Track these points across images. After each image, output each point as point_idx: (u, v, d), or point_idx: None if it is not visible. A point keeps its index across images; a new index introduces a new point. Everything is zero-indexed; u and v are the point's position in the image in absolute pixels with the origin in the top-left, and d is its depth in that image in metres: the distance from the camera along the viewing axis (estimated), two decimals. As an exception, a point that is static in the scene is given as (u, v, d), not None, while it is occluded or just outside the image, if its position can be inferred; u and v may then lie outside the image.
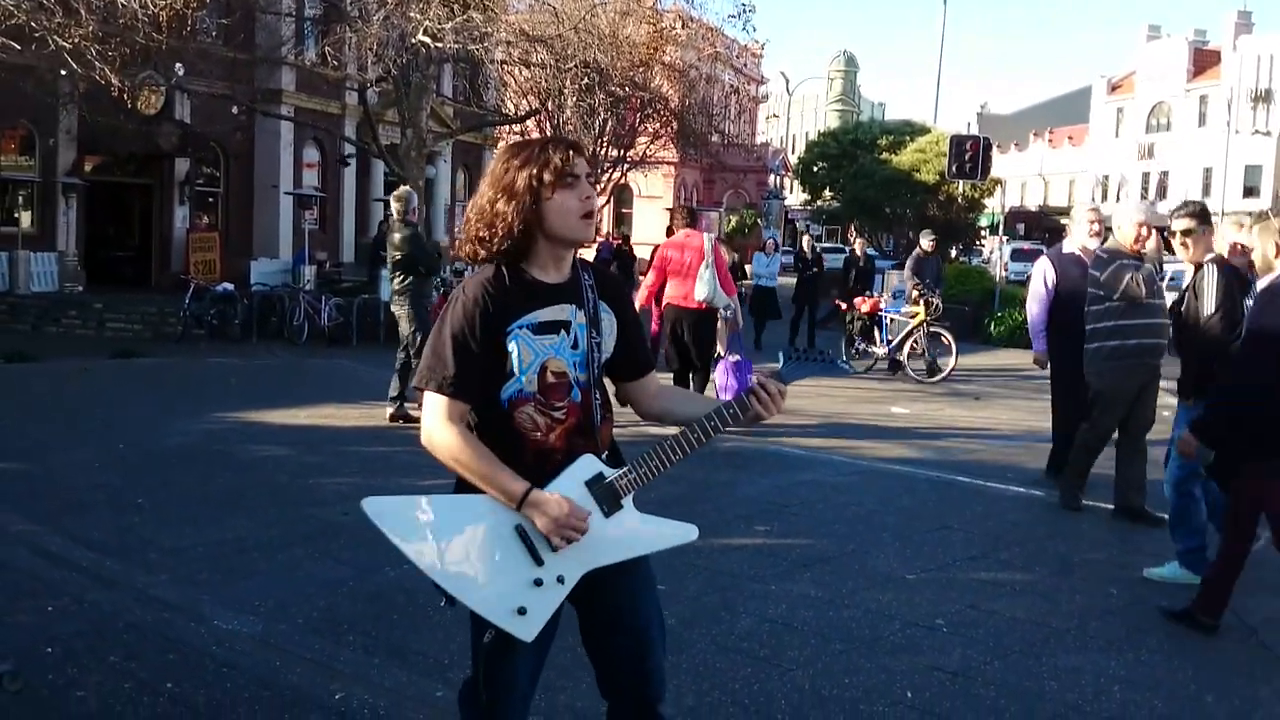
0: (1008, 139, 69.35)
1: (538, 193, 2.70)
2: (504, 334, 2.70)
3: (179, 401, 11.67)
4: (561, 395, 2.76)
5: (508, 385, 2.73)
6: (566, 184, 2.72)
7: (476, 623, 2.75)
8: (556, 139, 2.84)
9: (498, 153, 2.89)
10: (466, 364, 2.68)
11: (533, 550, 2.69)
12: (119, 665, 4.43)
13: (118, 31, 16.94)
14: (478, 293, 2.71)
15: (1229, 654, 5.05)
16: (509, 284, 2.74)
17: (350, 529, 6.36)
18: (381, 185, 29.37)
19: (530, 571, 2.69)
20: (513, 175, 2.73)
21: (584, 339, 2.79)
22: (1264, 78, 57.55)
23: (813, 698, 4.35)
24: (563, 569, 2.71)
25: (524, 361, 2.72)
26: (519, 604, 2.67)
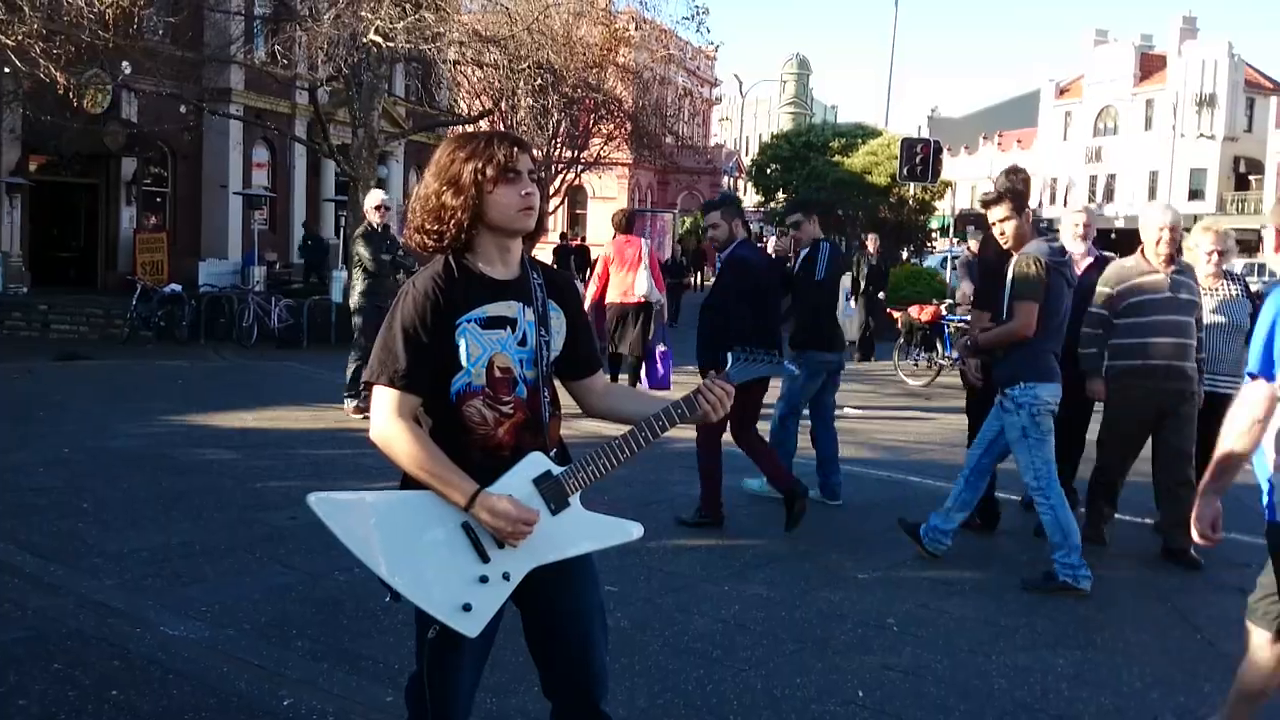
0: (958, 142, 69.97)
1: (480, 186, 2.73)
2: (453, 327, 2.71)
3: (125, 404, 11.50)
4: (508, 390, 2.77)
5: (457, 379, 2.74)
6: (508, 179, 2.74)
7: (421, 619, 2.75)
8: (502, 134, 2.86)
9: (444, 144, 2.90)
10: (417, 357, 2.69)
11: (479, 547, 2.69)
12: (62, 672, 4.35)
13: (63, 29, 16.69)
14: (427, 286, 2.73)
15: (1175, 651, 5.11)
16: (457, 278, 2.76)
17: (299, 534, 6.30)
18: (332, 185, 29.16)
19: (476, 568, 2.69)
20: (458, 167, 2.75)
21: (532, 336, 2.80)
22: (1208, 82, 58.54)
23: (765, 698, 4.36)
24: (509, 566, 2.71)
25: (472, 355, 2.73)
26: (464, 600, 2.67)
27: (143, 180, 25.42)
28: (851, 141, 43.81)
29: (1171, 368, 6.38)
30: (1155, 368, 6.39)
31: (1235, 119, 58.86)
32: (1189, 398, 6.44)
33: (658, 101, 34.06)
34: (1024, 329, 5.79)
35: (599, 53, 25.81)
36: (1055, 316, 5.90)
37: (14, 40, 15.74)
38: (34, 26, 15.95)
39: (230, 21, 23.46)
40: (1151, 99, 61.92)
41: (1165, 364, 6.38)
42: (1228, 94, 58.39)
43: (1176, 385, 6.40)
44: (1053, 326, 5.90)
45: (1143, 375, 6.42)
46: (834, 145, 44.09)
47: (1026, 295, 5.80)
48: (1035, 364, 5.86)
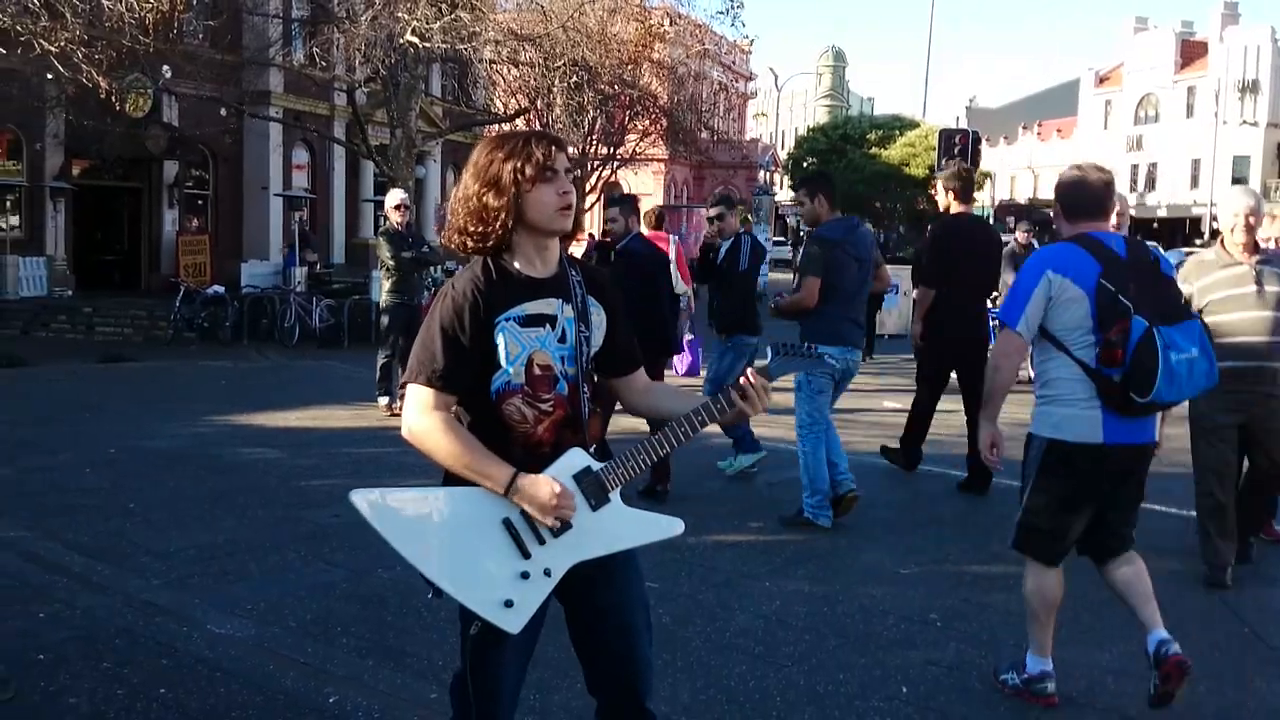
0: (996, 132, 69.45)
1: (520, 185, 2.73)
2: (491, 326, 2.72)
3: (169, 405, 11.64)
4: (548, 388, 2.77)
5: (496, 377, 2.75)
6: (546, 178, 2.75)
7: (465, 615, 2.76)
8: (539, 133, 2.87)
9: (481, 144, 2.90)
10: (456, 358, 2.70)
11: (520, 543, 2.70)
12: (111, 671, 4.41)
13: (104, 34, 16.90)
14: (466, 287, 2.74)
15: (1222, 644, 5.05)
16: (496, 278, 2.77)
17: (342, 531, 6.35)
18: (371, 186, 29.35)
19: (517, 564, 2.70)
20: (497, 168, 2.76)
21: (572, 333, 2.80)
22: (1250, 68, 57.74)
23: (808, 694, 4.35)
24: (550, 562, 2.72)
25: (511, 354, 2.73)
26: (506, 597, 2.68)
27: (184, 183, 25.72)
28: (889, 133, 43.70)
29: (1263, 370, 5.69)
30: (1242, 371, 5.63)
31: (1278, 105, 58.00)
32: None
33: (693, 97, 34.04)
34: (808, 299, 6.85)
35: (634, 49, 25.81)
36: (838, 288, 6.84)
37: (57, 46, 15.96)
38: (76, 33, 16.16)
39: (269, 24, 23.69)
40: (1193, 86, 61.16)
41: (1256, 366, 5.67)
42: (1271, 80, 57.56)
43: (1269, 390, 5.73)
44: (840, 297, 6.85)
45: (1228, 379, 5.29)
46: (871, 137, 43.98)
47: (809, 270, 6.91)
48: (823, 328, 6.79)
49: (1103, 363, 4.03)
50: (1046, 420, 4.22)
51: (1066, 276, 4.11)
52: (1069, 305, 4.10)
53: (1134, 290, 4.03)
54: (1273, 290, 5.69)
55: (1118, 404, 4.04)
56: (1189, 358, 3.96)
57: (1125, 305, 4.00)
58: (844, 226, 7.11)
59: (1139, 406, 4.01)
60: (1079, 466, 4.15)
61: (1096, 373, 4.06)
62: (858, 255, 6.98)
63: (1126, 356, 3.97)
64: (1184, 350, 3.95)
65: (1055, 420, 4.18)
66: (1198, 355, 3.99)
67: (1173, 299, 4.21)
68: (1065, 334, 4.13)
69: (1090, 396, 4.08)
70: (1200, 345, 4.02)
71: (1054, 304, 4.14)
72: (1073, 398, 4.12)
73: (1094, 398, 4.07)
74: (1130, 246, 4.27)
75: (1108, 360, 4.01)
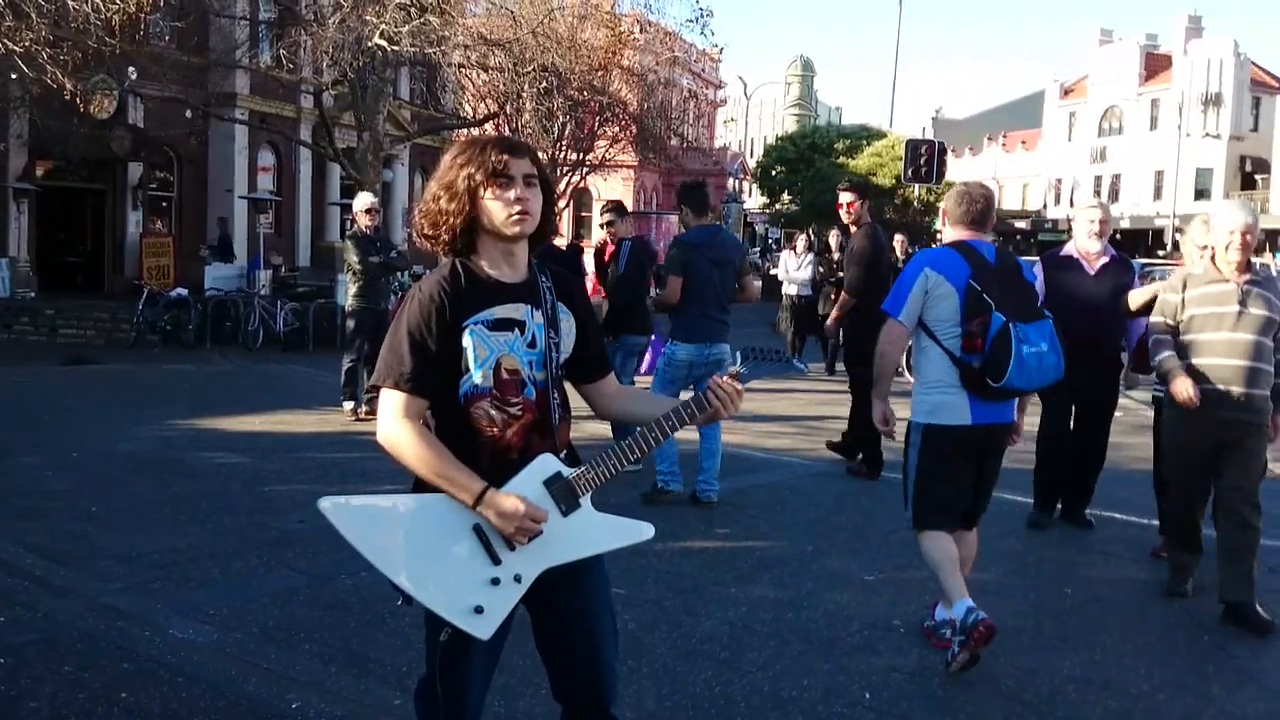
0: (962, 143, 69.94)
1: (474, 191, 2.75)
2: (459, 329, 2.73)
3: (132, 408, 11.54)
4: (516, 392, 2.78)
5: (464, 381, 2.75)
6: (499, 184, 2.75)
7: (433, 621, 2.76)
8: (500, 139, 2.87)
9: (448, 150, 2.92)
10: (423, 361, 2.70)
11: (490, 549, 2.71)
12: (72, 675, 4.38)
13: (70, 35, 16.74)
14: (433, 290, 2.75)
15: (1181, 653, 5.11)
16: (464, 282, 2.77)
17: (306, 537, 6.32)
18: (338, 189, 29.22)
19: (488, 570, 2.71)
20: (454, 174, 2.78)
21: (541, 338, 2.81)
22: (1214, 81, 58.43)
23: (772, 699, 4.37)
24: (520, 568, 2.73)
25: (479, 357, 2.74)
26: (476, 603, 2.69)
27: (149, 185, 25.50)
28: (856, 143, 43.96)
29: (1231, 395, 5.44)
30: (1212, 394, 5.45)
31: (1241, 118, 58.78)
32: (1256, 431, 5.54)
33: (662, 104, 34.05)
34: (670, 296, 7.62)
35: (603, 55, 25.85)
36: (695, 289, 7.50)
37: (21, 46, 15.78)
38: (41, 33, 15.99)
39: (235, 26, 23.55)
40: (1157, 98, 61.82)
41: (1225, 390, 5.45)
42: (1233, 93, 58.30)
43: (1239, 416, 5.47)
44: (698, 296, 7.50)
45: (1205, 401, 5.44)
46: (839, 147, 44.23)
47: (670, 271, 7.65)
48: (682, 325, 7.56)
49: (965, 351, 4.69)
50: (922, 408, 4.85)
51: (941, 274, 4.77)
52: (942, 300, 4.75)
53: (997, 291, 4.69)
54: (1258, 313, 5.44)
55: (978, 388, 4.68)
56: (1038, 351, 4.63)
57: (988, 303, 4.65)
58: (706, 233, 7.80)
59: (994, 391, 4.66)
60: (953, 445, 4.78)
61: (960, 360, 4.71)
62: (715, 259, 7.63)
63: (985, 346, 4.62)
64: (1035, 344, 4.62)
65: (930, 407, 4.81)
66: (1047, 350, 4.65)
67: (1030, 301, 4.82)
68: (936, 325, 4.78)
69: (956, 383, 4.73)
70: (1050, 342, 4.68)
71: (930, 297, 4.78)
72: (943, 385, 4.77)
73: (959, 384, 4.72)
74: (999, 254, 4.91)
75: (969, 349, 4.67)
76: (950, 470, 4.83)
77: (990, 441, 4.86)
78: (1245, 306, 5.45)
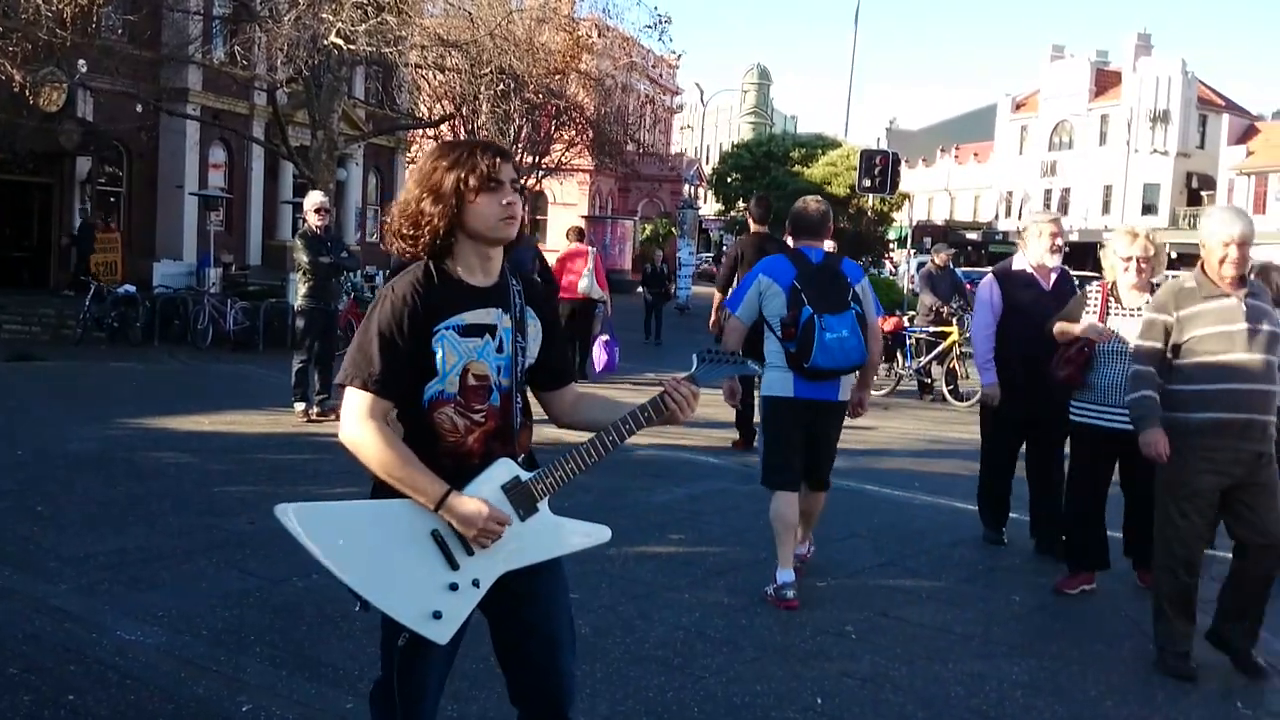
0: (916, 154, 70.62)
1: (462, 195, 2.74)
2: (430, 334, 2.72)
3: (79, 406, 11.36)
4: (482, 399, 2.77)
5: (429, 386, 2.74)
6: (490, 188, 2.75)
7: (389, 626, 2.75)
8: (485, 144, 2.86)
9: (427, 152, 2.90)
10: (392, 362, 2.69)
11: (448, 554, 2.70)
12: (17, 677, 4.30)
13: (19, 27, 16.49)
14: (406, 291, 2.73)
15: (1127, 661, 5.19)
16: (437, 284, 2.76)
17: (257, 539, 6.26)
18: (290, 187, 28.94)
19: (445, 575, 2.70)
20: (440, 176, 2.76)
21: (509, 343, 2.81)
22: (1162, 99, 59.37)
23: (725, 705, 4.39)
24: (478, 573, 2.72)
25: (447, 363, 2.73)
26: (434, 608, 2.68)
27: (97, 180, 25.11)
28: (811, 152, 44.10)
29: (1253, 424, 4.84)
30: (1228, 423, 4.83)
31: (1188, 135, 59.75)
32: (1268, 463, 4.91)
33: (619, 109, 34.14)
34: None
35: (561, 59, 25.84)
36: None
37: (-32, 37, 15.54)
38: (-11, 24, 15.76)
39: (189, 21, 23.25)
40: (1106, 114, 62.74)
41: (1245, 419, 4.83)
42: (1181, 110, 59.26)
43: (1255, 447, 4.88)
44: None
45: (1215, 433, 4.85)
46: (794, 155, 44.35)
47: None
48: None
49: (783, 338, 5.71)
50: (765, 384, 5.87)
51: (772, 278, 5.82)
52: (773, 298, 5.78)
53: (813, 289, 5.70)
54: (1266, 329, 4.87)
55: (796, 368, 5.68)
56: (840, 337, 5.59)
57: (802, 298, 5.65)
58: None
59: (809, 371, 5.63)
60: (783, 414, 5.80)
61: (784, 346, 5.71)
62: None
63: (797, 334, 5.62)
64: (837, 331, 5.59)
65: (768, 382, 5.81)
66: (848, 335, 5.61)
67: (840, 295, 5.72)
68: (771, 318, 5.79)
69: (784, 365, 5.73)
70: (851, 329, 5.62)
71: (764, 297, 5.82)
72: (776, 366, 5.76)
73: (786, 365, 5.72)
74: (826, 258, 5.94)
75: (786, 336, 5.69)
76: (782, 436, 5.81)
77: (817, 414, 5.80)
78: (1256, 323, 4.84)
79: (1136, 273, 5.95)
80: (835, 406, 5.85)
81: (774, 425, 5.87)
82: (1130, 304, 5.94)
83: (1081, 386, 6.04)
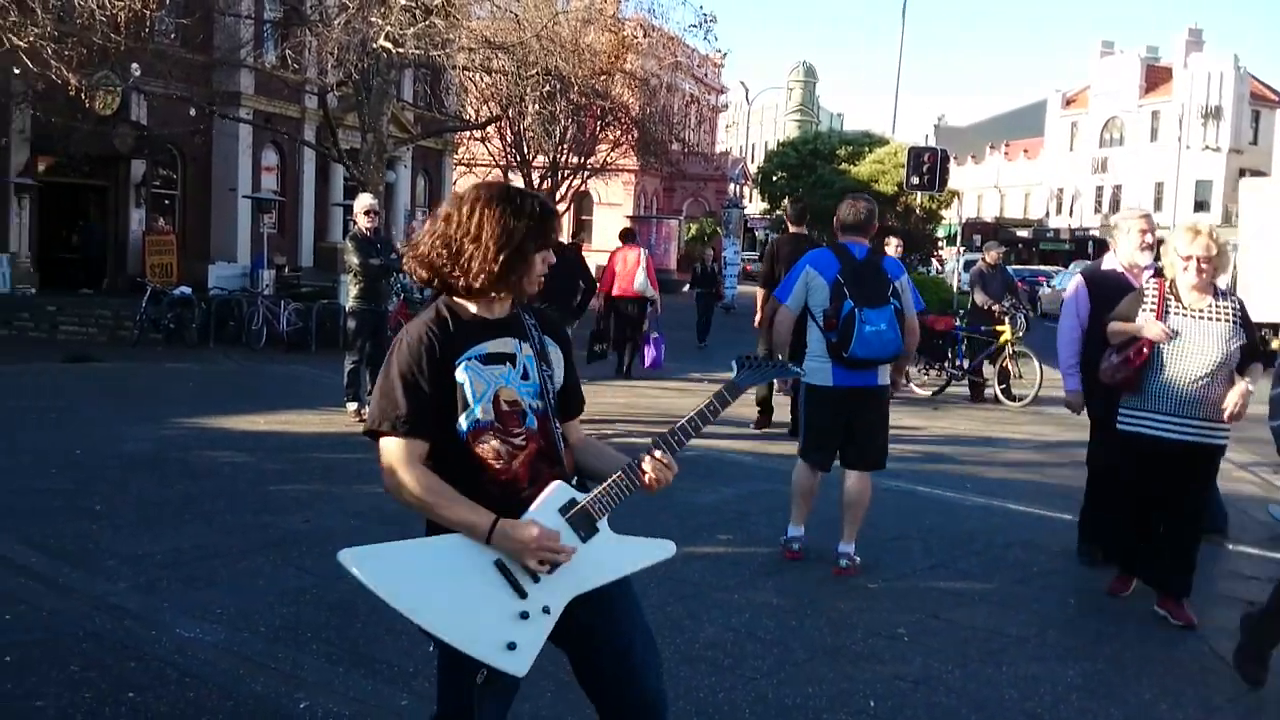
0: (964, 151, 70.02)
1: (525, 249, 2.74)
2: (453, 366, 2.71)
3: (135, 406, 11.55)
4: (518, 423, 2.77)
5: (465, 416, 2.73)
6: (545, 247, 2.79)
7: (452, 662, 2.70)
8: (546, 203, 2.87)
9: (480, 189, 2.83)
10: (418, 402, 2.68)
11: (515, 583, 2.66)
12: (78, 674, 4.39)
13: (74, 31, 16.76)
14: (421, 331, 2.73)
15: (1183, 663, 5.13)
16: (451, 324, 2.77)
17: (312, 537, 6.33)
18: (341, 190, 29.22)
19: (515, 605, 2.66)
20: (507, 222, 2.73)
21: (534, 370, 2.81)
22: (1214, 95, 58.52)
23: (776, 707, 4.38)
24: (547, 599, 2.69)
25: (476, 391, 2.73)
26: (508, 639, 2.64)
27: (151, 182, 25.47)
28: (858, 149, 43.97)
29: None
30: None
31: (1240, 131, 58.88)
32: None
33: (664, 108, 34.15)
34: None
35: (607, 60, 25.88)
36: None
37: (26, 41, 15.81)
38: (46, 28, 16.02)
39: (241, 25, 23.56)
40: (1157, 110, 61.93)
41: None
42: (1233, 106, 58.42)
43: None
44: None
45: None
46: (840, 153, 44.23)
47: None
48: None
49: (825, 329, 6.10)
50: (807, 372, 6.17)
51: (818, 271, 6.22)
52: (817, 290, 6.18)
53: (855, 283, 6.08)
54: None
55: (836, 357, 6.06)
56: (878, 330, 5.99)
57: (845, 291, 6.04)
58: None
59: (848, 360, 6.02)
60: (820, 401, 6.26)
61: (825, 336, 6.10)
62: None
63: (838, 325, 6.01)
64: (875, 324, 5.99)
65: (810, 371, 6.18)
66: (885, 329, 6.00)
67: (880, 290, 6.08)
68: (814, 309, 6.19)
69: (825, 354, 6.12)
70: (888, 323, 6.02)
71: (810, 289, 6.22)
72: (816, 355, 6.19)
73: (826, 354, 6.11)
74: (870, 253, 6.30)
75: (828, 327, 6.08)
76: (820, 420, 6.31)
77: (855, 401, 6.17)
78: None
79: (1197, 272, 5.46)
80: (873, 392, 6.22)
81: (813, 411, 6.35)
82: (1192, 305, 5.49)
83: (1137, 391, 5.58)
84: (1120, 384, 5.64)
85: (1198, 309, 5.48)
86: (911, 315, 6.32)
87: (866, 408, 6.23)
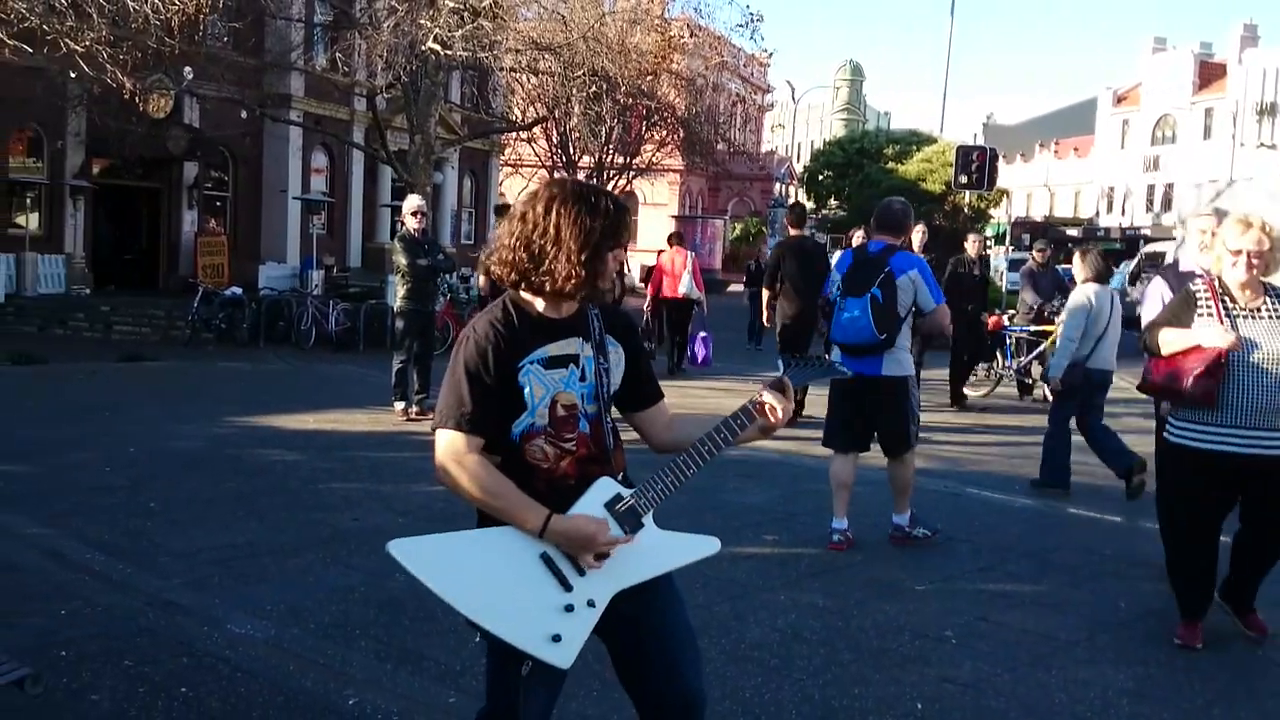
0: (1013, 149, 69.29)
1: (601, 248, 2.74)
2: (515, 369, 2.73)
3: (187, 405, 11.72)
4: (571, 428, 2.79)
5: (520, 420, 2.75)
6: (618, 243, 2.80)
7: (499, 656, 2.73)
8: (613, 195, 2.87)
9: (555, 188, 2.81)
10: (483, 400, 2.70)
11: (560, 576, 2.69)
12: (132, 669, 4.46)
13: (129, 35, 17.01)
14: (487, 330, 2.74)
15: (1235, 668, 5.06)
16: (516, 321, 2.77)
17: (361, 534, 6.39)
18: (389, 191, 29.47)
19: (560, 598, 2.68)
20: (583, 221, 2.72)
21: (591, 371, 2.82)
22: (1269, 91, 57.51)
23: (823, 708, 4.37)
24: (592, 592, 2.71)
25: (536, 396, 2.74)
26: (553, 631, 2.66)
27: (203, 184, 25.85)
28: (905, 148, 43.62)
29: None
30: None
31: (1297, 128, 57.83)
32: None
33: (710, 108, 34.08)
34: None
35: (653, 60, 25.88)
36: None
37: (82, 46, 16.07)
38: (101, 33, 16.28)
39: (291, 28, 23.82)
40: (1211, 108, 60.94)
41: None
42: (1290, 103, 57.38)
43: None
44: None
45: None
46: (888, 152, 43.89)
47: None
48: None
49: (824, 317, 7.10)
50: None
51: (836, 268, 6.97)
52: (832, 284, 6.88)
53: (850, 274, 6.63)
54: None
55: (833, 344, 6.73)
56: (851, 317, 6.47)
57: (840, 284, 6.65)
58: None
59: (843, 346, 6.57)
60: (836, 387, 6.74)
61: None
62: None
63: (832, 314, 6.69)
64: (850, 311, 6.48)
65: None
66: (858, 315, 6.43)
67: (864, 282, 6.48)
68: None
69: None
70: (862, 310, 6.41)
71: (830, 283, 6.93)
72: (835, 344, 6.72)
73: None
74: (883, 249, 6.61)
75: (825, 315, 6.96)
76: (836, 404, 6.83)
77: (862, 386, 6.42)
78: None
79: (1246, 268, 4.94)
80: (876, 381, 6.50)
81: (830, 398, 6.95)
82: (1248, 305, 5.02)
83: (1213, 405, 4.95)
84: (1203, 399, 4.97)
85: (1254, 309, 5.06)
86: (931, 306, 6.62)
87: (874, 396, 6.58)
